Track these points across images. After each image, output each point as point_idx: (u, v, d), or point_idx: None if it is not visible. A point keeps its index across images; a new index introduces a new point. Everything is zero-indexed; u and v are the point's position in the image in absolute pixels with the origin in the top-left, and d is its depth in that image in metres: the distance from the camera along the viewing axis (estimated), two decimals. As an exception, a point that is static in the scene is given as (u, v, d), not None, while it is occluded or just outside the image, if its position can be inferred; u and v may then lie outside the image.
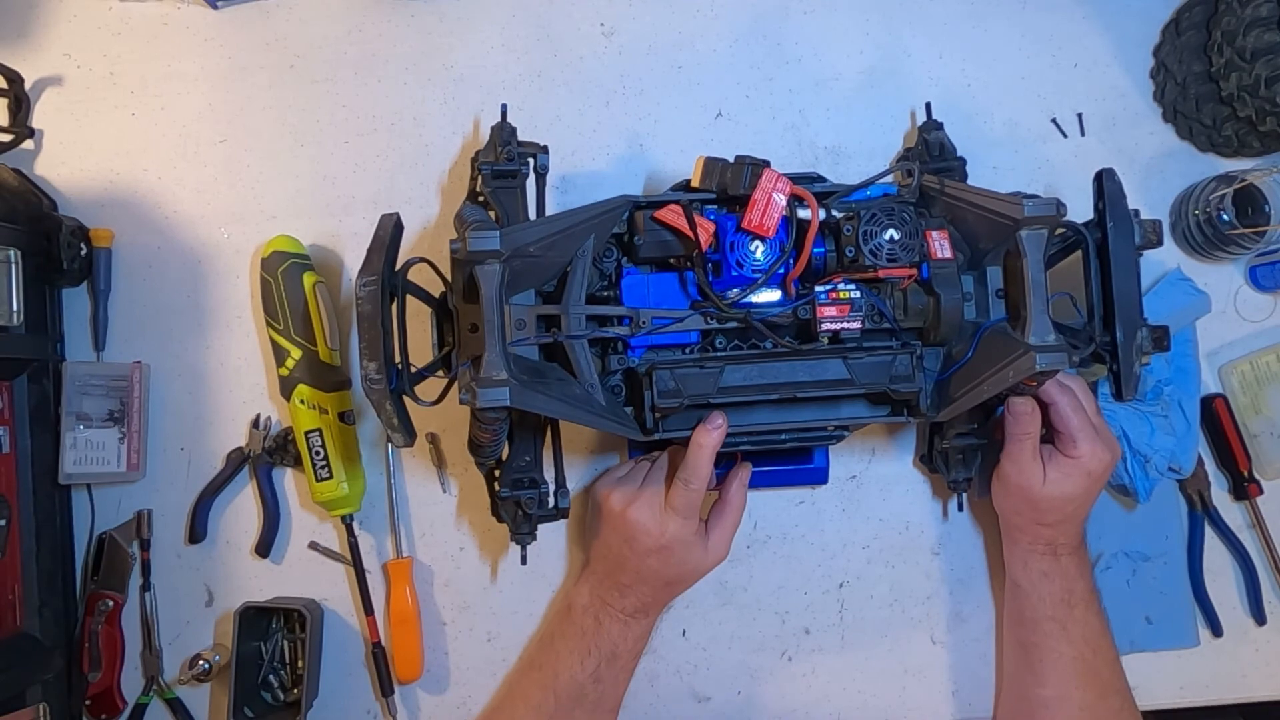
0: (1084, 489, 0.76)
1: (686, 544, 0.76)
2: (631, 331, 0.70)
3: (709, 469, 0.73)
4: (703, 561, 0.78)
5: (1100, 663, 0.78)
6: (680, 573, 0.78)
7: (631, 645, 0.80)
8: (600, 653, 0.78)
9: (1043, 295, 0.66)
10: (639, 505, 0.75)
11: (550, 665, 0.80)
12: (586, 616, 0.79)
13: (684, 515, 0.75)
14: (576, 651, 0.79)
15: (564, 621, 0.81)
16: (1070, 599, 0.78)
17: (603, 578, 0.79)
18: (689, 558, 0.77)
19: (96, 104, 0.88)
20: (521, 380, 0.62)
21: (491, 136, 0.80)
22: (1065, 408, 0.74)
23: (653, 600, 0.79)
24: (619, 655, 0.79)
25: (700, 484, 0.74)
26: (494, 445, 0.70)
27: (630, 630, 0.79)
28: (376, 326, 0.63)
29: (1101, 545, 0.88)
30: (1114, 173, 0.74)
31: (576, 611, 0.80)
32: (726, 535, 0.79)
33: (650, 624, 0.81)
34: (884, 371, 0.70)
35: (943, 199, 0.72)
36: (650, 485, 0.77)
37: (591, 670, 0.78)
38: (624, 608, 0.78)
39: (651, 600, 0.79)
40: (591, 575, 0.81)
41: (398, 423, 0.66)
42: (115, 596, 0.85)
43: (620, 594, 0.78)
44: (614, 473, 0.82)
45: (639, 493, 0.76)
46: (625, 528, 0.76)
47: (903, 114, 0.90)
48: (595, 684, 0.78)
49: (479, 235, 0.62)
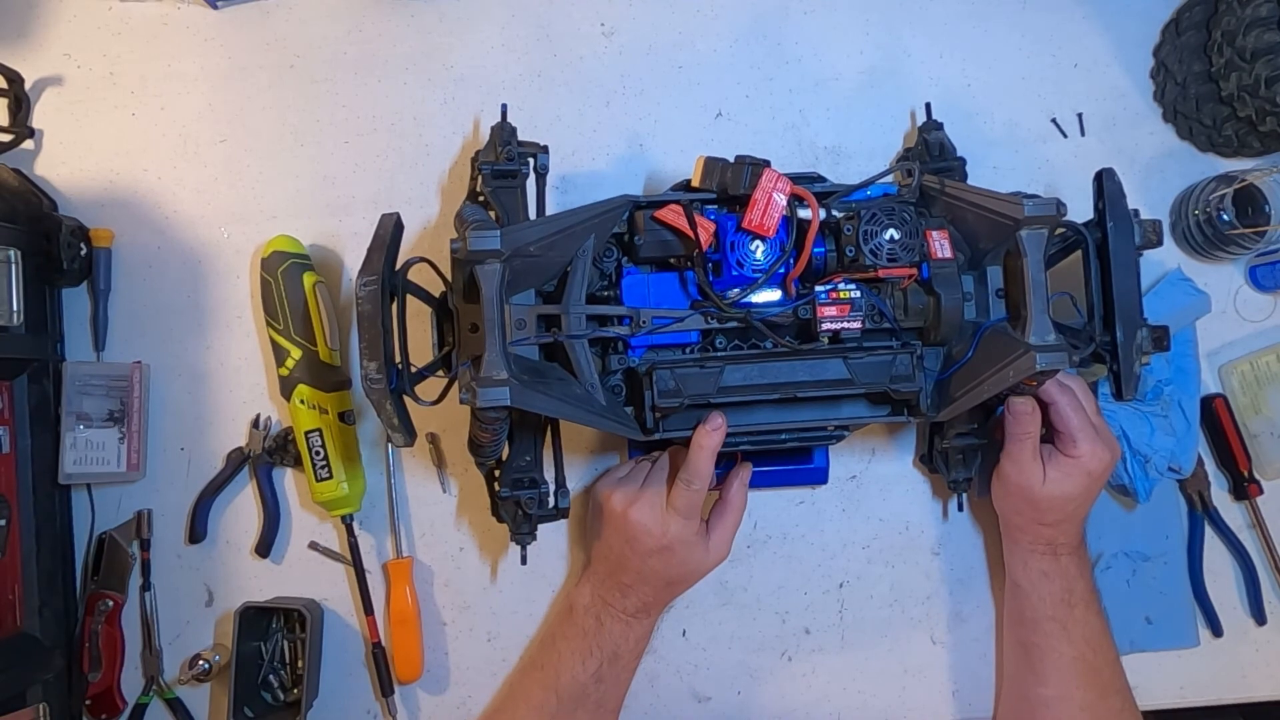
0: (1084, 488, 0.76)
1: (688, 544, 0.76)
2: (632, 331, 0.70)
3: (710, 469, 0.73)
4: (704, 561, 0.78)
5: (1101, 662, 0.78)
6: (682, 572, 0.78)
7: (633, 645, 0.80)
8: (602, 653, 0.78)
9: (1043, 295, 0.66)
10: (640, 506, 0.76)
11: (552, 665, 0.80)
12: (588, 617, 0.79)
13: (685, 515, 0.75)
14: (578, 652, 0.79)
15: (566, 622, 0.81)
16: (1070, 599, 0.78)
17: (604, 578, 0.79)
18: (690, 558, 0.77)
19: (96, 104, 0.88)
20: (522, 380, 0.62)
21: (491, 136, 0.80)
22: (1065, 407, 0.74)
23: (654, 600, 0.79)
24: (621, 655, 0.79)
25: (702, 484, 0.74)
26: (494, 445, 0.70)
27: (632, 630, 0.79)
28: (377, 326, 0.63)
29: (1101, 545, 0.88)
30: (1114, 173, 0.74)
31: (578, 612, 0.80)
32: (727, 535, 0.79)
33: (652, 624, 0.81)
34: (884, 371, 0.70)
35: (943, 199, 0.72)
36: (651, 486, 0.77)
37: (593, 670, 0.78)
38: (625, 608, 0.79)
39: (653, 600, 0.79)
40: (593, 575, 0.81)
41: (398, 423, 0.65)
42: (115, 596, 0.85)
43: (622, 594, 0.78)
44: (614, 473, 0.82)
45: (640, 493, 0.76)
46: (627, 528, 0.76)
47: (903, 114, 0.90)
48: (597, 684, 0.78)
49: (479, 235, 0.62)
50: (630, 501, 0.76)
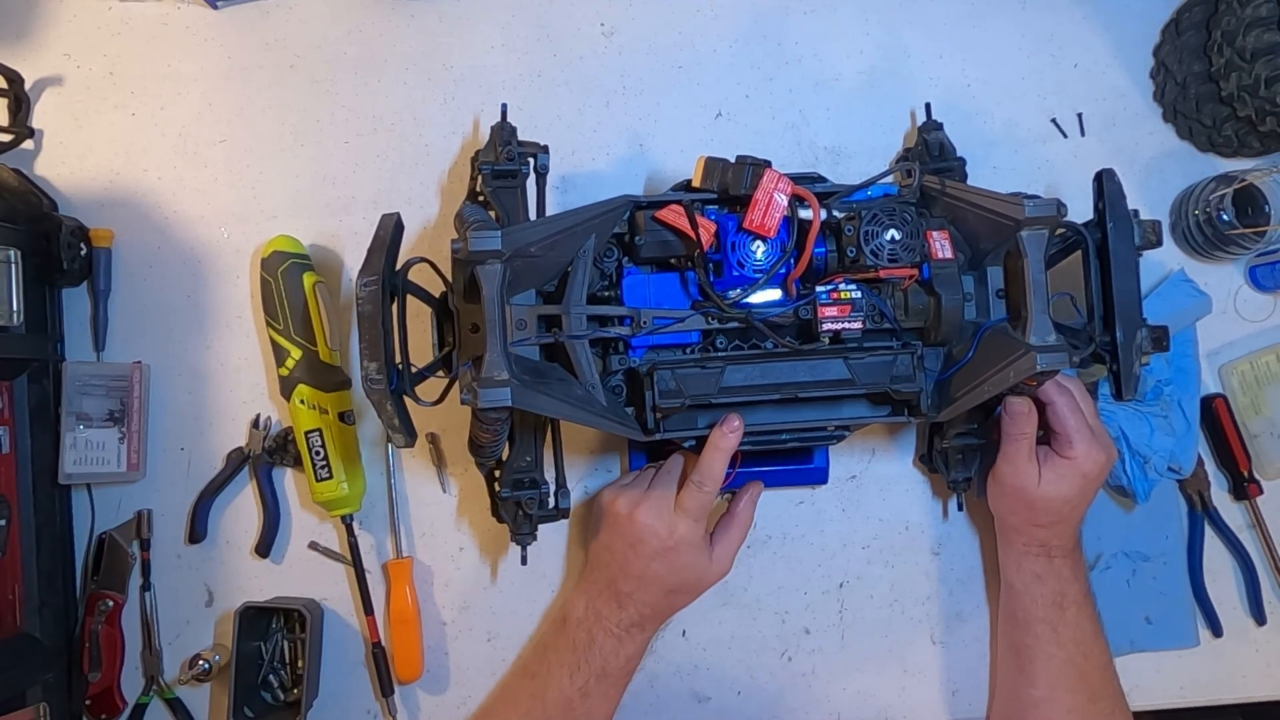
0: (1079, 490, 0.75)
1: (694, 548, 0.75)
2: (632, 331, 0.70)
3: (723, 471, 0.73)
4: (706, 572, 0.77)
5: (1091, 666, 0.78)
6: (683, 580, 0.77)
7: (623, 663, 0.78)
8: (590, 668, 0.77)
9: (1043, 295, 0.66)
10: (647, 507, 0.75)
11: (542, 675, 0.79)
12: (580, 630, 0.78)
13: (694, 517, 0.75)
14: (567, 665, 0.78)
15: (557, 633, 0.80)
16: (1062, 601, 0.78)
17: (602, 588, 0.78)
18: (695, 564, 0.76)
19: (96, 104, 0.88)
20: (523, 380, 0.62)
21: (491, 136, 0.80)
22: (1063, 408, 0.74)
23: (651, 613, 0.78)
24: (610, 673, 0.78)
25: (713, 486, 0.73)
26: (495, 445, 0.70)
27: (624, 647, 0.78)
28: (377, 326, 0.63)
29: (1101, 545, 0.88)
30: (1114, 173, 0.74)
31: (570, 624, 0.79)
32: (731, 550, 0.78)
33: (645, 641, 0.80)
34: (885, 372, 0.70)
35: (943, 199, 0.72)
36: (658, 488, 0.77)
37: (580, 685, 0.77)
38: (620, 621, 0.77)
39: (650, 613, 0.78)
40: (590, 587, 0.80)
41: (398, 423, 0.65)
42: (115, 596, 0.85)
43: (618, 605, 0.77)
44: (618, 482, 0.82)
45: (646, 495, 0.76)
46: (631, 530, 0.75)
47: (903, 114, 0.90)
48: (583, 699, 0.77)
49: (480, 235, 0.62)
50: (636, 504, 0.76)
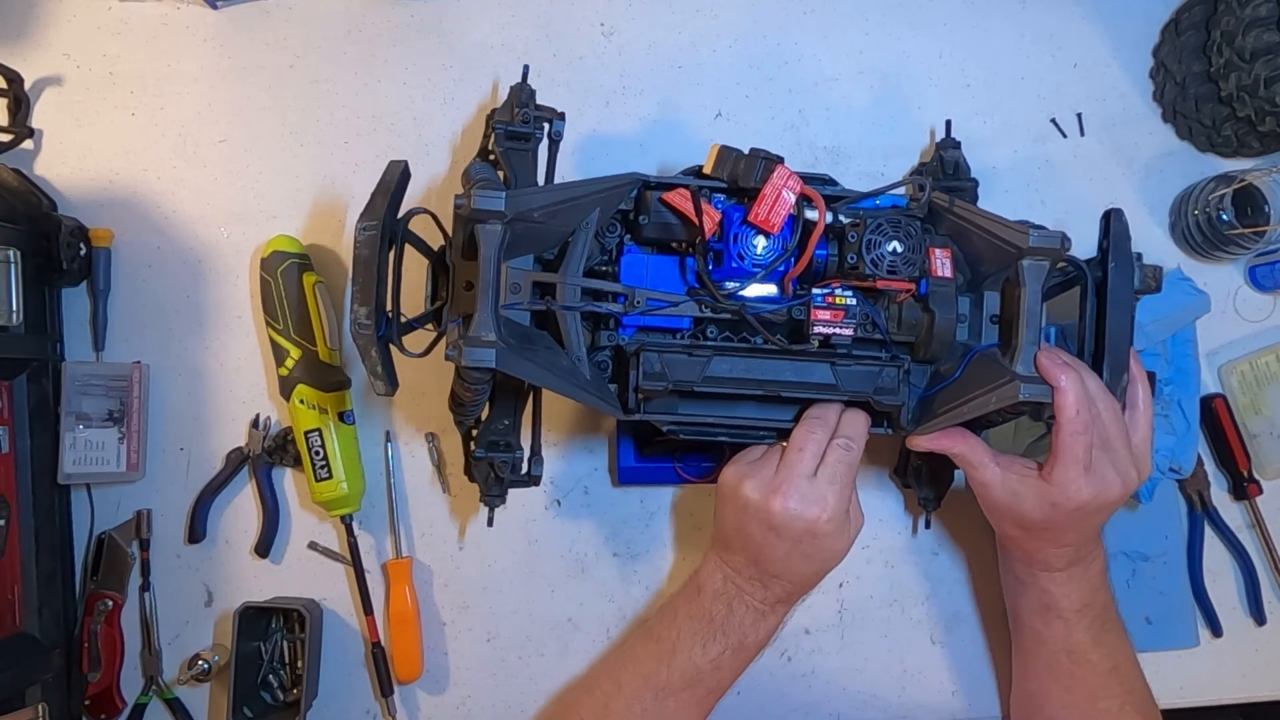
0: (1046, 515, 0.70)
1: (841, 521, 0.71)
2: (625, 310, 0.69)
3: (868, 426, 0.72)
4: (851, 537, 0.73)
5: (1088, 673, 0.77)
6: (834, 550, 0.72)
7: (762, 637, 0.75)
8: (727, 641, 0.74)
9: (1036, 326, 0.66)
10: (787, 492, 0.70)
11: (670, 640, 0.76)
12: (718, 602, 0.74)
13: (844, 482, 0.70)
14: (700, 635, 0.75)
15: (692, 602, 0.76)
16: (1047, 615, 0.77)
17: (741, 568, 0.74)
18: (841, 533, 0.71)
19: (96, 104, 0.88)
20: (510, 344, 0.62)
21: (510, 97, 0.78)
22: (1066, 428, 0.67)
23: (796, 589, 0.74)
24: (747, 646, 0.75)
25: (860, 444, 0.71)
26: (475, 405, 0.69)
27: (765, 622, 0.75)
28: (372, 271, 0.62)
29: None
30: (1121, 213, 0.72)
31: (706, 595, 0.75)
32: (854, 500, 0.74)
33: (785, 615, 0.76)
34: (870, 381, 0.70)
35: (950, 217, 0.72)
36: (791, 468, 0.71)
37: (714, 656, 0.74)
38: (765, 599, 0.74)
39: (795, 589, 0.74)
40: (726, 562, 0.75)
41: (381, 370, 0.65)
42: (115, 596, 0.85)
43: (763, 585, 0.74)
44: (742, 458, 0.75)
45: (779, 479, 0.70)
46: (770, 516, 0.70)
47: (902, 114, 0.90)
48: (714, 671, 0.75)
49: (484, 194, 0.61)
50: (773, 490, 0.70)
